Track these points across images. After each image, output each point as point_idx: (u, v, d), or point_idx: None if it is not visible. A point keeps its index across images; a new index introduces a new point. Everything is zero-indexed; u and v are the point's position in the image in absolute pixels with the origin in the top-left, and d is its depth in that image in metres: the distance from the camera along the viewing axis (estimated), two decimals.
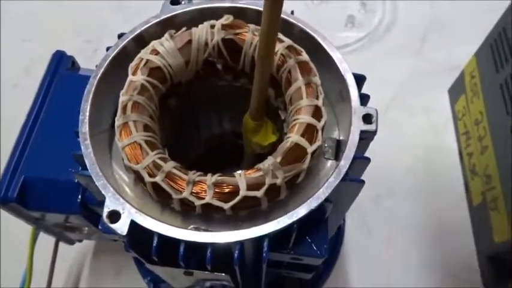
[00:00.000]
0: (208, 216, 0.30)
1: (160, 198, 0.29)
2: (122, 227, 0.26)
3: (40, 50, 0.65)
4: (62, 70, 0.39)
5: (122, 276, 0.51)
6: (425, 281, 0.50)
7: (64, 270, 0.51)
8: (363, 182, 0.29)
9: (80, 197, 0.34)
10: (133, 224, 0.26)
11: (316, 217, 0.29)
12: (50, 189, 0.34)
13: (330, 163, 0.32)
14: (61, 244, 0.46)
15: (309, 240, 0.30)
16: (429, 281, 0.50)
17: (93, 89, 0.31)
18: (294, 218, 0.26)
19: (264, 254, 0.26)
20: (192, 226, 0.31)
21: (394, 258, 0.52)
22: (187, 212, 0.29)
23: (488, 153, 0.49)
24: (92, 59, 0.43)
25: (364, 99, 0.31)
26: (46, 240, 0.45)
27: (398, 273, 0.51)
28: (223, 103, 0.40)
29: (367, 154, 0.31)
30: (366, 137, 0.29)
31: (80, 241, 0.47)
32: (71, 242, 0.46)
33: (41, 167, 0.35)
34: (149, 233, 0.27)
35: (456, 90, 0.59)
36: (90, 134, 0.30)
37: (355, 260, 0.52)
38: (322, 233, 0.30)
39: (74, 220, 0.38)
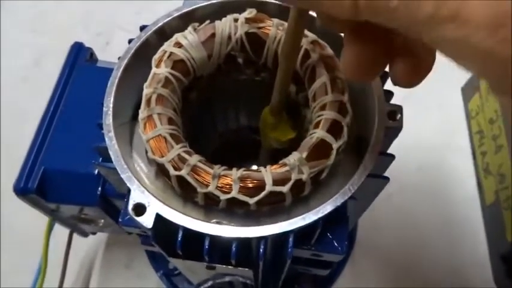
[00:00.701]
0: (231, 211, 0.29)
1: (184, 192, 0.29)
2: (147, 220, 0.26)
3: (50, 43, 0.65)
4: (80, 62, 0.38)
5: (133, 269, 0.51)
6: (436, 280, 0.51)
7: (76, 262, 0.51)
8: (387, 178, 0.29)
9: (100, 189, 0.34)
10: (158, 217, 0.26)
11: (338, 214, 0.29)
12: (69, 181, 0.34)
13: (349, 159, 0.32)
14: (74, 237, 0.46)
15: (330, 237, 0.30)
16: (440, 280, 0.50)
17: (116, 81, 0.31)
18: (320, 214, 0.26)
19: (289, 250, 0.26)
20: (214, 220, 0.31)
21: (405, 257, 0.52)
22: (209, 207, 0.29)
23: (503, 153, 0.49)
24: (104, 52, 0.42)
25: (387, 95, 0.31)
26: (59, 234, 0.45)
27: (409, 272, 0.51)
28: (242, 97, 0.40)
29: None
30: (390, 134, 0.29)
31: (94, 233, 0.47)
32: (84, 234, 0.46)
33: (60, 159, 0.35)
34: (173, 227, 0.27)
35: (470, 89, 0.58)
36: (113, 126, 0.30)
37: (367, 258, 0.52)
38: (343, 229, 0.30)
39: (90, 212, 0.38)
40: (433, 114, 0.59)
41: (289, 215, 0.30)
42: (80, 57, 0.39)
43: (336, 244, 0.30)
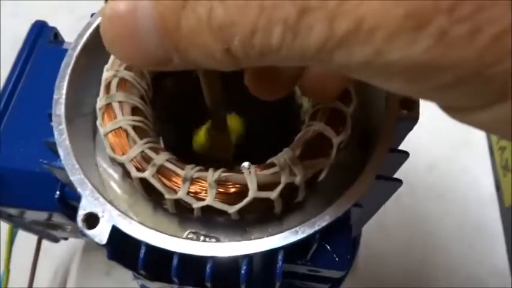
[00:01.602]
0: (210, 219, 0.24)
1: (152, 197, 0.24)
2: (100, 233, 0.21)
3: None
4: (42, 43, 0.33)
5: (112, 276, 0.47)
6: (449, 285, 0.45)
7: (50, 269, 0.46)
8: (399, 181, 0.24)
9: (58, 192, 0.29)
10: (115, 230, 0.21)
11: (339, 223, 0.24)
12: (23, 182, 0.29)
13: (353, 158, 0.27)
14: (48, 241, 0.41)
15: (330, 250, 0.25)
16: (454, 285, 0.45)
17: (72, 62, 0.25)
18: (317, 227, 0.21)
19: (278, 270, 0.21)
20: (189, 231, 0.25)
21: (415, 262, 0.47)
22: (184, 214, 0.24)
23: None
24: None
25: None
26: (31, 238, 0.40)
27: (419, 277, 0.46)
28: (231, 85, 0.34)
29: None
30: (403, 127, 0.24)
31: (66, 239, 0.42)
32: (55, 239, 0.41)
33: (13, 156, 0.30)
34: (136, 241, 0.21)
35: None
36: (68, 117, 0.25)
37: (373, 263, 0.47)
38: (345, 242, 0.25)
39: (55, 217, 0.33)
40: None
41: (281, 223, 0.25)
42: (42, 38, 0.33)
43: (336, 259, 0.25)
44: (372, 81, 0.13)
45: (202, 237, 0.25)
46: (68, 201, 0.29)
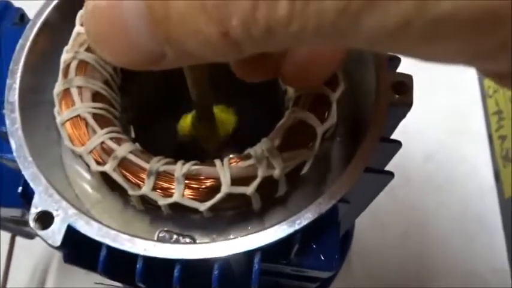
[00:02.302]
0: (185, 217, 0.22)
1: (116, 192, 0.21)
2: (54, 235, 0.19)
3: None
4: (6, 24, 0.30)
5: (94, 274, 0.44)
6: (447, 281, 0.44)
7: (28, 267, 0.44)
8: (391, 174, 0.21)
9: (21, 187, 0.26)
10: (71, 231, 0.19)
11: (325, 220, 0.22)
12: None
13: (344, 150, 0.24)
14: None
15: (316, 249, 0.22)
16: (452, 281, 0.43)
17: (28, 44, 0.23)
18: (297, 226, 0.19)
19: (254, 274, 0.19)
20: (161, 229, 0.23)
21: (411, 256, 0.45)
22: (156, 211, 0.22)
23: None
24: None
25: (393, 62, 0.23)
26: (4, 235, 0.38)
27: (415, 272, 0.44)
28: (215, 74, 0.32)
29: None
30: (396, 113, 0.22)
31: None
32: (29, 236, 0.39)
33: None
34: (96, 243, 0.19)
35: None
36: (24, 104, 0.22)
37: (367, 258, 0.45)
38: (333, 239, 0.23)
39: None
40: (443, 93, 0.51)
41: (262, 220, 0.23)
42: (6, 19, 0.30)
43: (323, 258, 0.23)
44: (407, 50, 0.10)
45: (175, 236, 0.23)
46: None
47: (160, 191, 0.19)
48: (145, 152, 0.21)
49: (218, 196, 0.19)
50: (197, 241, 0.23)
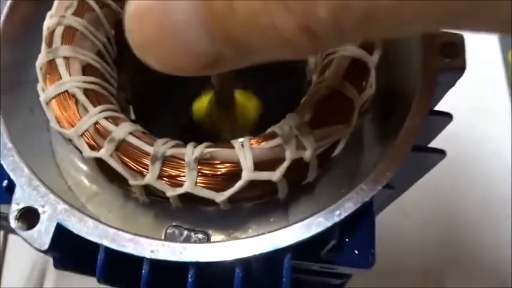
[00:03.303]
0: (196, 209, 0.19)
1: (116, 183, 0.18)
2: (40, 236, 0.15)
3: None
4: None
5: None
6: (473, 277, 0.41)
7: (25, 267, 0.41)
8: (443, 153, 0.18)
9: (6, 180, 0.23)
10: (61, 231, 0.15)
11: (361, 210, 0.18)
12: None
13: (373, 125, 0.21)
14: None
15: (350, 243, 0.19)
16: (479, 276, 0.40)
17: (5, 11, 0.19)
18: (336, 219, 0.15)
19: (284, 279, 0.16)
20: (170, 225, 0.20)
21: (432, 243, 0.42)
22: (163, 203, 0.19)
23: None
24: None
25: None
26: None
27: (436, 259, 0.41)
28: None
29: None
30: (446, 80, 0.18)
31: None
32: None
33: None
34: (92, 244, 0.16)
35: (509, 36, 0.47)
36: (3, 84, 0.19)
37: (388, 242, 0.41)
38: (369, 232, 0.19)
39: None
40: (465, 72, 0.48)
41: (286, 211, 0.20)
42: None
43: (357, 253, 0.20)
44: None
45: (186, 233, 0.20)
46: None
47: (167, 179, 0.16)
48: (148, 133, 0.17)
49: (238, 184, 0.16)
50: (211, 237, 0.20)
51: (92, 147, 0.16)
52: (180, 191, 0.16)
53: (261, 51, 0.11)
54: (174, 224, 0.20)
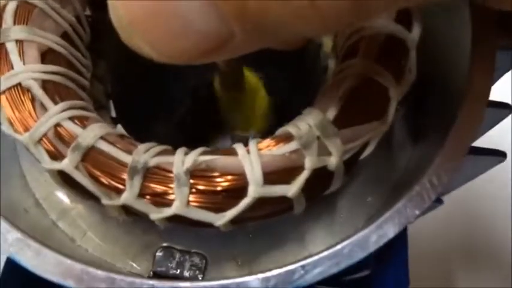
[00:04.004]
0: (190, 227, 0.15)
1: (88, 199, 0.14)
2: None
3: None
4: None
5: None
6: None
7: None
8: (503, 155, 0.14)
9: None
10: (13, 267, 0.12)
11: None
12: None
13: (403, 121, 0.17)
14: None
15: (382, 271, 0.16)
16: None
17: None
18: (373, 247, 0.12)
19: None
20: (159, 246, 0.16)
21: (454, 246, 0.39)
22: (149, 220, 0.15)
23: None
24: None
25: None
26: None
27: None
28: None
29: None
30: (504, 62, 0.14)
31: None
32: None
33: None
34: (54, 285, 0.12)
35: None
36: None
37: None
38: (402, 258, 0.16)
39: None
40: None
41: (303, 227, 0.16)
42: None
43: (388, 276, 0.16)
44: None
45: (178, 256, 0.16)
46: None
47: (151, 197, 0.12)
48: (127, 137, 0.13)
49: (244, 203, 0.12)
50: (210, 261, 0.16)
51: (52, 156, 0.13)
52: (167, 212, 0.12)
53: (280, 28, 0.09)
54: (164, 244, 0.16)
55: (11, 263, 0.12)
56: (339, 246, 0.12)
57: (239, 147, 0.12)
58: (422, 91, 0.17)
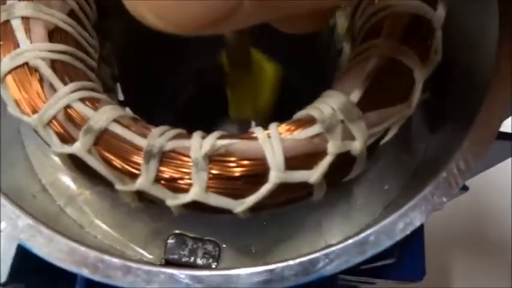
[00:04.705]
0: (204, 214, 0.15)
1: (99, 184, 0.14)
2: None
3: None
4: None
5: None
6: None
7: None
8: None
9: None
10: (24, 254, 0.11)
11: None
12: None
13: (424, 104, 0.17)
14: None
15: (399, 255, 0.15)
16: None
17: None
18: (400, 236, 0.11)
19: None
20: (171, 233, 0.16)
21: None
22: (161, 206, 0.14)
23: None
24: None
25: None
26: None
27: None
28: None
29: None
30: None
31: None
32: None
33: None
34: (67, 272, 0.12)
35: None
36: None
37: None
38: (419, 245, 0.16)
39: None
40: None
41: (319, 214, 0.16)
42: None
43: (406, 265, 0.16)
44: None
45: (191, 243, 0.16)
46: None
47: (167, 182, 0.12)
48: (140, 119, 0.13)
49: (264, 188, 0.11)
50: (223, 249, 0.16)
51: (63, 139, 0.12)
52: (185, 198, 0.11)
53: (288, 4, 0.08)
54: (176, 231, 0.16)
55: (22, 250, 0.11)
56: (363, 235, 0.11)
57: (259, 131, 0.12)
58: (443, 75, 0.17)
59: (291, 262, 0.11)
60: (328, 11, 0.11)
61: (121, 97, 0.18)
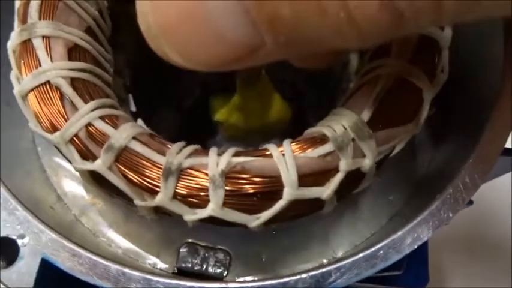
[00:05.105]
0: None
1: (116, 198, 0.14)
2: (21, 276, 0.12)
3: None
4: None
5: None
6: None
7: None
8: None
9: None
10: (48, 268, 0.12)
11: None
12: None
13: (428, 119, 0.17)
14: None
15: (403, 267, 0.16)
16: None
17: None
18: (408, 250, 0.12)
19: None
20: (184, 242, 0.16)
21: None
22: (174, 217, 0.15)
23: None
24: None
25: None
26: None
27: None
28: None
29: None
30: None
31: None
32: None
33: None
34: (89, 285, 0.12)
35: None
36: None
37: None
38: (422, 254, 0.16)
39: None
40: None
41: (326, 225, 0.16)
42: None
43: (410, 272, 0.16)
44: None
45: (203, 252, 0.16)
46: None
47: (184, 198, 0.12)
48: (157, 136, 0.13)
49: (279, 205, 0.12)
50: (234, 258, 0.16)
51: (84, 157, 0.12)
52: (202, 214, 0.12)
53: (313, 40, 0.08)
54: (188, 240, 0.17)
55: (45, 264, 0.12)
56: (373, 249, 0.12)
57: (273, 149, 0.12)
58: (447, 90, 0.17)
59: (303, 275, 0.12)
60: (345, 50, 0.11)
61: (133, 108, 0.19)
